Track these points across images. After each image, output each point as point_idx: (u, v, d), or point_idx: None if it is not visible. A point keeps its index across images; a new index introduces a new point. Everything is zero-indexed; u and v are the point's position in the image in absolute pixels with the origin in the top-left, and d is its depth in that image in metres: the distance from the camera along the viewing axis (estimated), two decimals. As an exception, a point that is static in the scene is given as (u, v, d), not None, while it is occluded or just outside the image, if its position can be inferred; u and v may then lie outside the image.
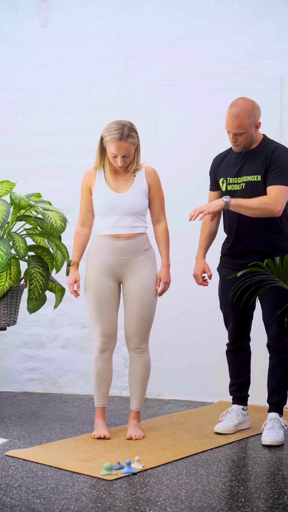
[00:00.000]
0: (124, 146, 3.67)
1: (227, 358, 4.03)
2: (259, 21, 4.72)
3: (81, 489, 2.99)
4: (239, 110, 3.69)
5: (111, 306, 3.81)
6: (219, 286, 4.00)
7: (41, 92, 5.07)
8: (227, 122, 3.73)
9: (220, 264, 4.01)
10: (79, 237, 3.90)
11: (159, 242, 3.92)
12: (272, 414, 3.76)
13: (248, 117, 3.69)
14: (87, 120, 4.99)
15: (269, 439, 3.65)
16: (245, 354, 3.99)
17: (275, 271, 3.59)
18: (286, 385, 3.79)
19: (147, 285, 3.80)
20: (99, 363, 3.85)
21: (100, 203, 3.77)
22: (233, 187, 3.83)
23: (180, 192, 4.77)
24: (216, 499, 2.88)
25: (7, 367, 5.11)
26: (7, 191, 4.22)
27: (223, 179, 3.88)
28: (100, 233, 3.81)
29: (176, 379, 4.84)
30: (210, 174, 4.01)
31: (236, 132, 3.71)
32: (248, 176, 3.78)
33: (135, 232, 3.79)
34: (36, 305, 4.08)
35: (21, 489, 2.99)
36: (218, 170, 3.93)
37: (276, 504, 2.82)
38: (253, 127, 3.73)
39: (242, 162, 3.82)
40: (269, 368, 3.83)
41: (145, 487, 3.03)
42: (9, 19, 5.08)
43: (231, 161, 3.88)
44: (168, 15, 4.85)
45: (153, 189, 3.85)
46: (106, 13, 4.95)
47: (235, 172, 3.83)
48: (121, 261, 3.78)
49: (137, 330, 3.81)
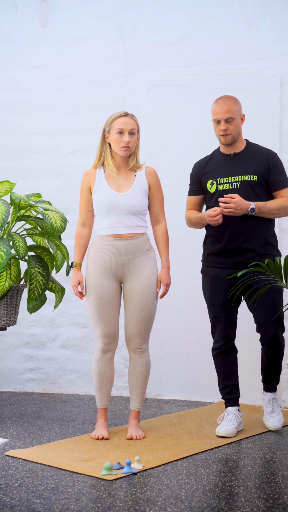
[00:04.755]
0: (130, 121, 3.74)
1: (216, 361, 4.02)
2: (259, 21, 4.72)
3: (81, 489, 2.99)
4: (225, 98, 3.90)
5: (112, 307, 3.80)
6: (206, 286, 3.99)
7: (41, 92, 5.07)
8: (216, 110, 3.88)
9: (206, 264, 4.01)
10: (80, 237, 3.88)
11: (159, 244, 3.91)
12: (269, 394, 4.04)
13: (235, 104, 3.88)
14: (87, 120, 4.99)
15: (274, 425, 3.96)
16: (234, 354, 4.02)
17: (275, 271, 3.59)
18: (279, 371, 4.03)
19: (149, 285, 3.79)
20: (101, 363, 3.84)
21: (101, 202, 3.76)
22: (224, 187, 3.89)
23: (181, 193, 4.77)
24: (216, 499, 2.88)
25: (7, 367, 5.11)
26: (7, 191, 4.22)
27: (212, 181, 3.93)
28: (100, 233, 3.81)
29: (176, 379, 4.84)
30: (192, 179, 4.06)
31: (227, 118, 3.84)
32: (244, 176, 3.86)
33: (136, 232, 3.79)
34: (36, 305, 4.08)
35: (21, 489, 2.99)
36: (204, 174, 3.98)
37: (276, 504, 2.82)
38: (239, 117, 3.88)
39: (232, 163, 3.91)
40: (263, 360, 4.00)
41: (145, 487, 3.03)
42: (9, 19, 5.09)
43: (218, 163, 3.96)
44: (168, 15, 4.85)
45: (153, 189, 3.85)
46: (106, 13, 4.95)
47: (226, 172, 3.90)
48: (122, 261, 3.77)
49: (139, 331, 3.81)
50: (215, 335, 4.01)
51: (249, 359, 4.47)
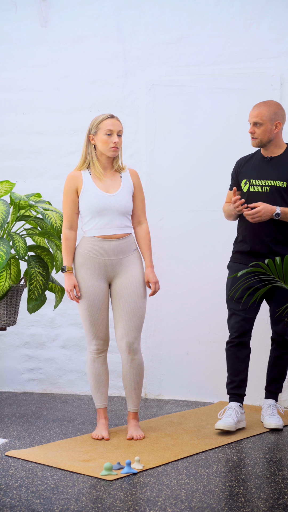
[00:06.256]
0: (117, 123, 3.77)
1: (228, 355, 4.03)
2: (259, 21, 4.71)
3: (81, 489, 2.99)
4: (263, 103, 3.90)
5: (104, 309, 3.81)
6: (229, 280, 4.02)
7: (41, 92, 5.07)
8: (250, 112, 3.91)
9: (232, 260, 4.06)
10: (69, 241, 3.81)
11: (142, 244, 3.90)
12: (269, 401, 4.06)
13: (269, 110, 3.85)
14: (87, 120, 4.94)
15: (274, 423, 3.95)
16: (246, 351, 4.01)
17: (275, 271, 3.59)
18: (284, 376, 4.02)
19: (138, 282, 3.80)
20: (97, 364, 3.84)
21: (91, 204, 3.74)
22: (255, 189, 3.91)
23: (181, 192, 4.77)
24: (216, 499, 2.88)
25: (7, 367, 5.10)
26: (7, 191, 4.22)
27: (246, 180, 3.95)
28: (89, 235, 3.77)
29: (176, 379, 4.84)
30: (232, 174, 4.10)
31: (255, 121, 3.84)
32: (274, 181, 3.88)
33: (125, 232, 3.80)
34: (36, 305, 4.08)
35: (21, 489, 2.99)
36: (241, 172, 4.00)
37: (276, 505, 2.81)
38: (272, 123, 3.86)
39: (267, 166, 3.92)
40: (271, 359, 4.04)
41: (145, 487, 3.02)
42: (9, 19, 5.08)
43: (255, 164, 3.97)
44: (168, 15, 4.85)
45: (136, 190, 3.87)
46: (106, 13, 4.95)
47: (259, 175, 3.91)
48: (113, 262, 3.77)
49: (130, 327, 3.77)
50: (230, 327, 4.02)
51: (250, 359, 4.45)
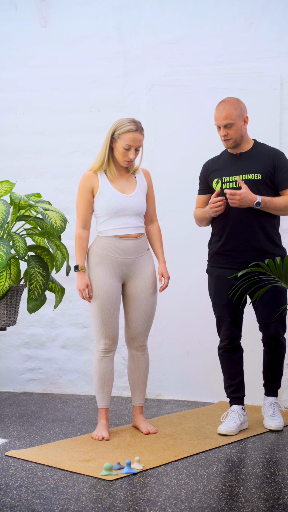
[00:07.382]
0: (139, 137, 3.75)
1: (222, 360, 4.05)
2: (259, 21, 4.72)
3: (81, 490, 2.99)
4: (225, 103, 3.88)
5: (116, 308, 3.83)
6: (211, 286, 4.02)
7: (41, 92, 5.07)
8: (215, 117, 3.90)
9: (211, 265, 4.03)
10: (83, 240, 3.85)
11: (154, 241, 3.98)
12: (270, 399, 4.04)
13: (235, 108, 3.85)
14: (87, 120, 4.98)
15: (275, 424, 3.94)
16: (239, 353, 4.03)
17: (275, 271, 3.59)
18: (281, 373, 4.04)
19: (153, 283, 3.89)
20: (104, 363, 3.85)
21: (109, 205, 3.78)
22: (228, 186, 3.92)
23: (181, 192, 4.77)
24: (216, 500, 2.88)
25: (7, 367, 5.10)
26: (7, 191, 4.22)
27: (217, 179, 3.96)
28: (106, 235, 3.81)
29: (176, 379, 4.84)
30: (200, 178, 4.11)
31: (226, 124, 3.85)
32: (247, 175, 3.88)
33: (140, 232, 3.87)
34: (36, 305, 4.08)
35: (21, 489, 2.99)
36: (211, 172, 4.02)
37: (276, 505, 2.81)
38: (241, 120, 3.88)
39: (237, 162, 3.94)
40: (265, 361, 4.03)
41: (145, 487, 3.02)
42: (9, 19, 5.08)
43: (224, 162, 4.00)
44: (168, 15, 4.85)
45: (149, 190, 3.95)
46: (106, 13, 4.95)
47: (231, 171, 3.93)
48: (129, 261, 3.82)
49: (144, 328, 3.90)
50: (220, 334, 4.04)
51: (249, 359, 4.46)
